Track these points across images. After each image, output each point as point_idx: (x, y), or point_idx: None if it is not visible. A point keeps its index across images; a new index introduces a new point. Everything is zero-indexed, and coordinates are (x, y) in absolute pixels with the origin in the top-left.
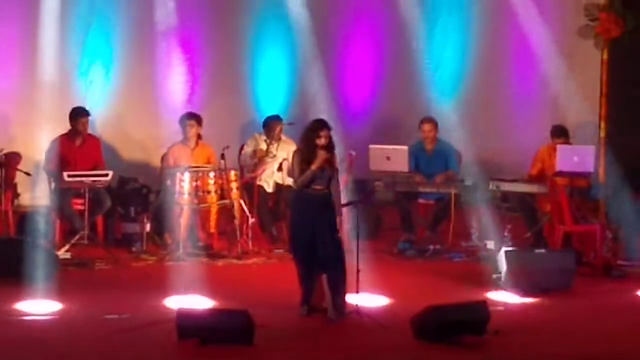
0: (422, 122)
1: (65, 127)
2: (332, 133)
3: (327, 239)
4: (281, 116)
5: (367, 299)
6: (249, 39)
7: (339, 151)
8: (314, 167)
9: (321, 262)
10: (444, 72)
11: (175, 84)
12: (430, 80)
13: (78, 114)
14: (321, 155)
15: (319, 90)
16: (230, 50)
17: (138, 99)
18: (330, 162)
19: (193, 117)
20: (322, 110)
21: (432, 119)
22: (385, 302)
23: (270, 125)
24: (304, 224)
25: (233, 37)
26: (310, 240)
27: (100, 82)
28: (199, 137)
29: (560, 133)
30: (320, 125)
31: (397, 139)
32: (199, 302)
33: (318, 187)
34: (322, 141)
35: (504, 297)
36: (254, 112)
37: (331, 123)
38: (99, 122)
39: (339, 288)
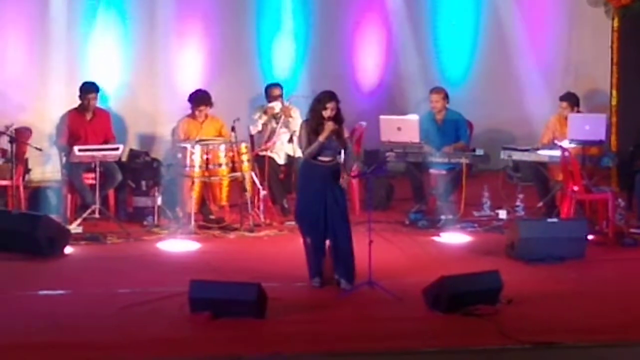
0: (431, 92)
1: (76, 100)
2: (342, 105)
3: (335, 210)
4: (282, 84)
5: (379, 270)
6: (258, 11)
7: (349, 123)
8: (321, 138)
9: (329, 232)
10: (455, 41)
11: (186, 57)
12: (442, 50)
13: (87, 90)
14: (328, 126)
15: (329, 62)
16: (239, 23)
17: (149, 73)
18: (338, 133)
19: (203, 103)
20: (332, 81)
21: (441, 88)
22: (397, 272)
23: (269, 91)
24: (311, 195)
25: (243, 9)
26: (318, 211)
27: (111, 56)
28: None
29: (565, 98)
30: (327, 97)
31: (407, 110)
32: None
33: (326, 158)
34: (328, 113)
35: (516, 267)
36: (263, 85)
37: (341, 95)
38: (109, 95)
39: (347, 257)
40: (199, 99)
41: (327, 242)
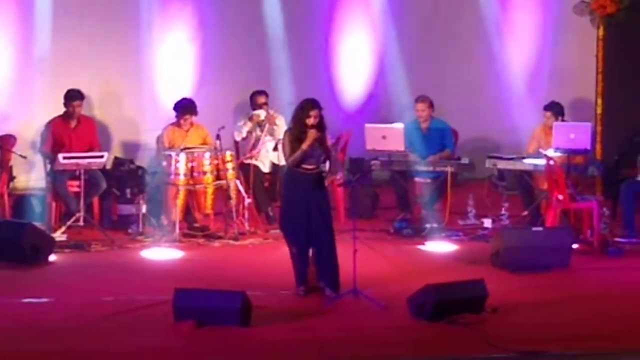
0: (416, 101)
1: (61, 108)
2: (327, 113)
3: (319, 218)
4: (267, 92)
5: (364, 279)
6: (243, 19)
7: (334, 131)
8: (304, 146)
9: (313, 241)
10: (440, 50)
11: (170, 65)
12: (427, 58)
13: (71, 97)
14: (311, 133)
15: (312, 70)
16: (224, 30)
17: (134, 81)
18: (321, 141)
19: (188, 112)
20: (317, 89)
21: (427, 97)
22: (382, 281)
23: (254, 98)
24: (295, 203)
25: (228, 17)
26: (302, 219)
27: (96, 63)
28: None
29: (549, 107)
30: (310, 104)
31: (392, 118)
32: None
33: (309, 166)
34: (311, 120)
35: (501, 275)
36: (248, 92)
37: (325, 103)
38: (94, 103)
39: (331, 265)
40: (184, 107)
41: (311, 250)
